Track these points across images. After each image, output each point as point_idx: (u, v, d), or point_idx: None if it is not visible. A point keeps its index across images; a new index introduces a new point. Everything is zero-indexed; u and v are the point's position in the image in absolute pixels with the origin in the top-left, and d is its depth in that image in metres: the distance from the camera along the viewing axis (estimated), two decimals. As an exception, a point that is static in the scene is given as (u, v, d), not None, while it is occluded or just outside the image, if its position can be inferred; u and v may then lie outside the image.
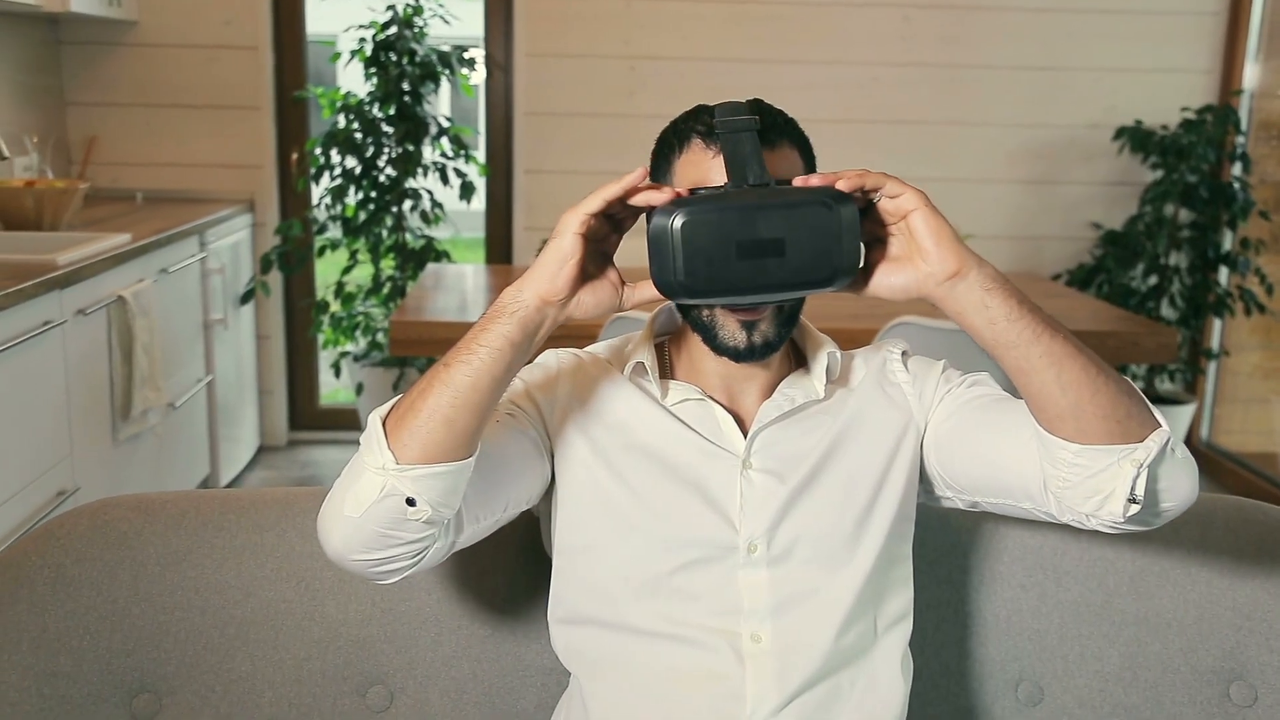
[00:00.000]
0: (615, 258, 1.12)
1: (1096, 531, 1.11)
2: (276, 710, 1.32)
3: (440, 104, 9.69)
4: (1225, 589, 1.40)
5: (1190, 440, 4.45)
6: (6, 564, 1.31)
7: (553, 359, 1.27)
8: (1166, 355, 2.83)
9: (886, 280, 1.08)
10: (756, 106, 1.15)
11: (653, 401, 1.22)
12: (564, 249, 1.05)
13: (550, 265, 1.05)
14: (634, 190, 1.05)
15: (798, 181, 1.05)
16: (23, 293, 2.39)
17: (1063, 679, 1.39)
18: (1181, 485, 1.08)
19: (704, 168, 1.13)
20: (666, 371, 1.26)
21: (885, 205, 1.06)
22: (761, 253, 1.01)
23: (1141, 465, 1.04)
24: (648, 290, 1.09)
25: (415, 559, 1.07)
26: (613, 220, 1.09)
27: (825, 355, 1.24)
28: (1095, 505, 1.07)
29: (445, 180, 4.08)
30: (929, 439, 1.24)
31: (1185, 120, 4.13)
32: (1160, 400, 4.30)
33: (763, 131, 1.11)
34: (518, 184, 4.28)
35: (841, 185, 1.03)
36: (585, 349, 1.30)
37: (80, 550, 1.32)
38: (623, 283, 1.10)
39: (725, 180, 1.07)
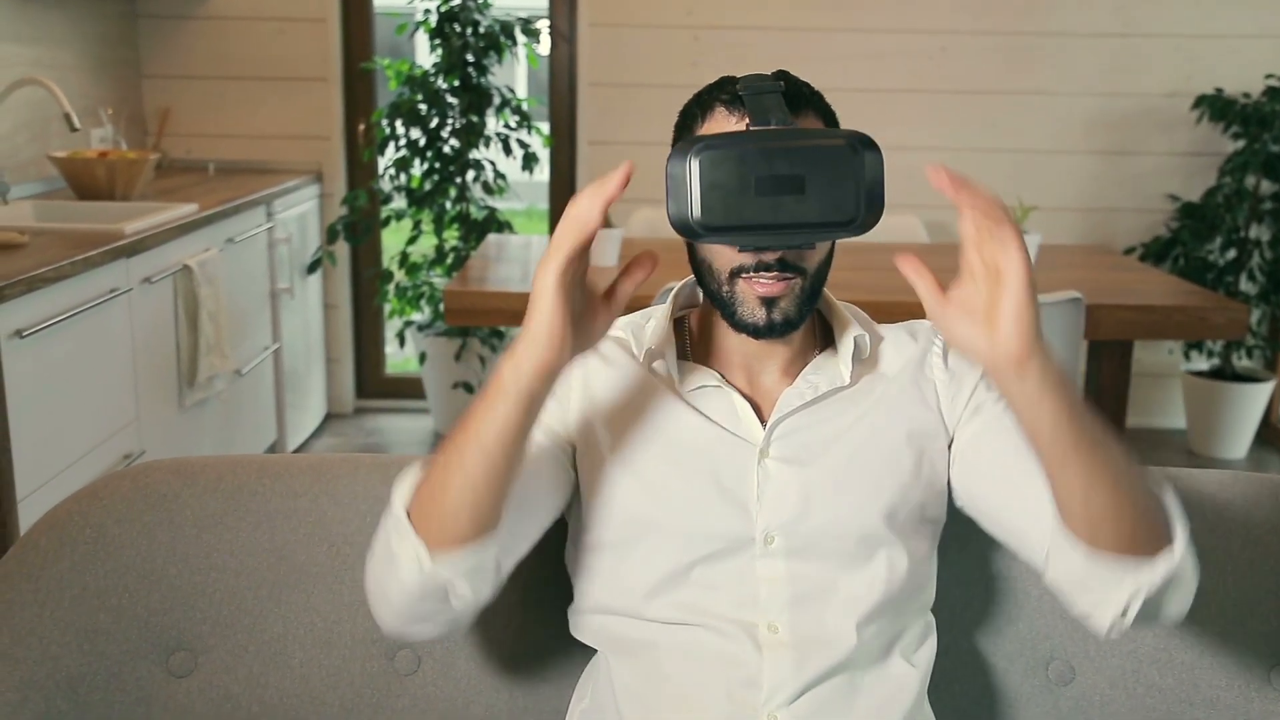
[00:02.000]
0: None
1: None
2: (306, 671, 1.35)
3: (516, 77, 9.69)
4: (1270, 571, 1.37)
5: (1269, 418, 4.33)
6: (51, 523, 1.36)
7: None
8: (1236, 331, 2.75)
9: (955, 324, 0.97)
10: (782, 75, 1.15)
11: (669, 389, 1.20)
12: (546, 312, 0.97)
13: (540, 334, 0.98)
14: (595, 228, 0.95)
15: None
16: (89, 260, 2.46)
17: (1095, 659, 1.37)
18: (1175, 603, 1.07)
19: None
20: (685, 350, 1.25)
21: (986, 256, 0.94)
22: (780, 189, 0.98)
23: (1139, 590, 1.02)
24: (627, 284, 1.03)
25: (467, 615, 1.11)
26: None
27: (852, 340, 1.21)
28: (1084, 609, 1.07)
29: (508, 151, 4.10)
30: (955, 450, 1.21)
31: (1269, 88, 4.00)
32: (1238, 378, 4.18)
33: (788, 98, 1.09)
34: (581, 155, 4.28)
35: (962, 198, 0.92)
36: None
37: (121, 511, 1.36)
38: (607, 297, 1.04)
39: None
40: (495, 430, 1.01)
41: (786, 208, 0.98)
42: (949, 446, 1.22)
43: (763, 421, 1.19)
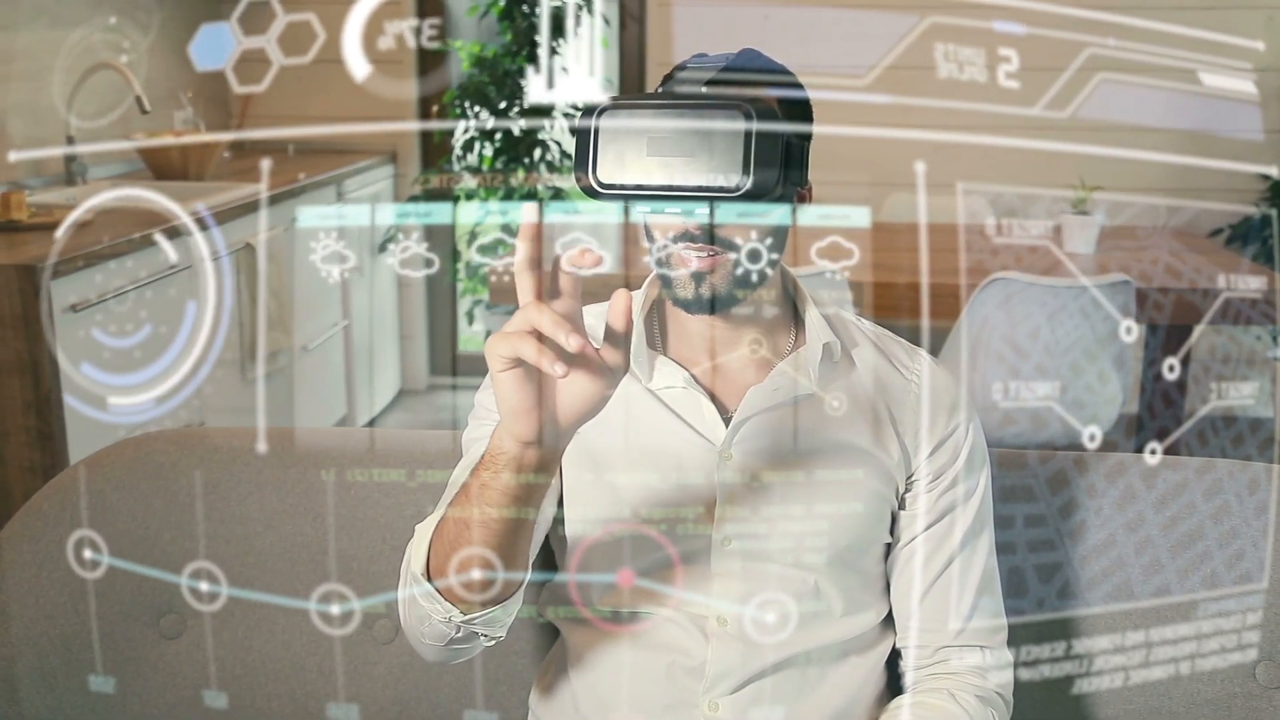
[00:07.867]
0: None
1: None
2: (289, 637, 1.39)
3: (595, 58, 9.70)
4: (1255, 562, 1.32)
5: (1364, 408, 4.14)
6: (55, 489, 1.43)
7: None
8: (1300, 316, 2.64)
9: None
10: (745, 52, 1.14)
11: (638, 383, 1.20)
12: (502, 389, 0.95)
13: (503, 408, 0.96)
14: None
15: None
16: (148, 238, 2.55)
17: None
18: None
19: None
20: (655, 339, 1.24)
21: None
22: (670, 151, 0.98)
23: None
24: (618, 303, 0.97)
25: None
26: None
27: (820, 345, 1.20)
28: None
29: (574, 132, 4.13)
30: (906, 502, 1.23)
31: (1367, 62, 3.81)
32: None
33: (739, 80, 1.09)
34: (650, 134, 4.28)
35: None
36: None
37: (121, 479, 1.43)
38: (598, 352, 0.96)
39: None
40: (494, 507, 0.99)
41: (678, 170, 0.98)
42: (906, 479, 1.22)
43: (727, 419, 1.18)
